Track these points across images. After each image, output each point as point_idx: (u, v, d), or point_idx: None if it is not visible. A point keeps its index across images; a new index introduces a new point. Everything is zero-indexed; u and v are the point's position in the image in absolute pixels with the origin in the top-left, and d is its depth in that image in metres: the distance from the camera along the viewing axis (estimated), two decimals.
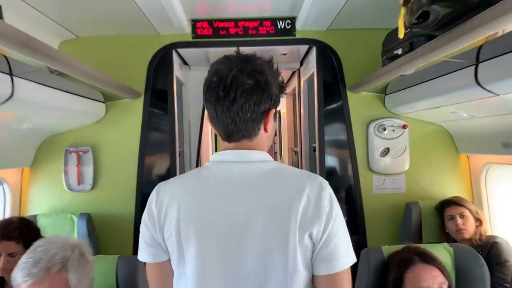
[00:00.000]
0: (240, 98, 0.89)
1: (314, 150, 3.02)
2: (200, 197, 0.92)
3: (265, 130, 0.96)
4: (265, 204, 0.89)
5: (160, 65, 2.54)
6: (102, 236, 2.45)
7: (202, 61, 3.04)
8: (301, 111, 3.27)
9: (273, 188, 0.91)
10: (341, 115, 2.54)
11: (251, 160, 0.94)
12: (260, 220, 0.88)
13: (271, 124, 0.97)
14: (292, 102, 4.55)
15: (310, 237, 0.88)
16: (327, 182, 0.94)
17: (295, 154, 4.04)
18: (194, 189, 0.94)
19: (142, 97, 2.52)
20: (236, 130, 0.93)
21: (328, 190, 0.92)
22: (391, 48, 1.96)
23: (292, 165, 4.34)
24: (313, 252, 0.90)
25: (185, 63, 3.06)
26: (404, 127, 2.47)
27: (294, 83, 3.90)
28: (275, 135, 5.93)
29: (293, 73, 3.56)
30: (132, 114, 2.52)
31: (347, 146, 2.53)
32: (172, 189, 0.96)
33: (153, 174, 2.57)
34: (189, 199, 0.92)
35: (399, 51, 1.84)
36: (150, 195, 0.97)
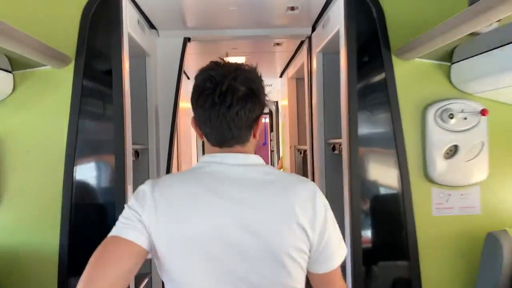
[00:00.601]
0: (236, 105, 0.92)
1: (334, 149, 2.19)
2: (201, 197, 0.93)
3: (254, 136, 1.01)
4: (271, 206, 0.93)
5: (102, 15, 1.72)
6: (6, 284, 1.63)
7: (175, 23, 2.22)
8: (313, 97, 2.42)
9: (275, 191, 0.94)
10: (383, 95, 1.73)
11: (248, 163, 0.98)
12: (267, 222, 0.91)
13: (259, 131, 1.02)
14: (296, 88, 3.79)
15: (308, 239, 0.93)
16: (316, 186, 0.99)
17: (300, 153, 3.24)
18: (194, 188, 0.94)
19: (72, 65, 1.71)
20: (230, 136, 0.96)
21: (319, 193, 0.97)
22: None
23: (296, 167, 3.70)
24: (309, 252, 0.95)
25: (151, 26, 2.23)
26: (483, 113, 1.62)
27: (299, 61, 3.07)
28: (271, 130, 5.89)
29: (300, 45, 2.70)
30: (56, 91, 1.73)
31: (392, 143, 1.71)
32: (166, 188, 0.96)
33: (92, 183, 1.75)
34: (186, 198, 0.93)
35: None
36: (142, 189, 0.95)
